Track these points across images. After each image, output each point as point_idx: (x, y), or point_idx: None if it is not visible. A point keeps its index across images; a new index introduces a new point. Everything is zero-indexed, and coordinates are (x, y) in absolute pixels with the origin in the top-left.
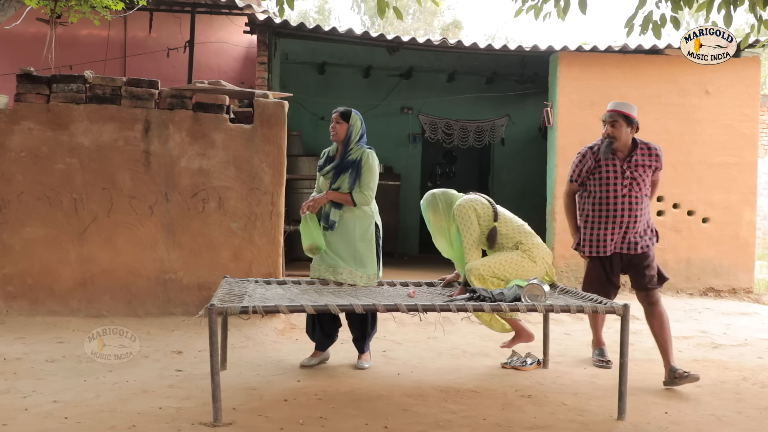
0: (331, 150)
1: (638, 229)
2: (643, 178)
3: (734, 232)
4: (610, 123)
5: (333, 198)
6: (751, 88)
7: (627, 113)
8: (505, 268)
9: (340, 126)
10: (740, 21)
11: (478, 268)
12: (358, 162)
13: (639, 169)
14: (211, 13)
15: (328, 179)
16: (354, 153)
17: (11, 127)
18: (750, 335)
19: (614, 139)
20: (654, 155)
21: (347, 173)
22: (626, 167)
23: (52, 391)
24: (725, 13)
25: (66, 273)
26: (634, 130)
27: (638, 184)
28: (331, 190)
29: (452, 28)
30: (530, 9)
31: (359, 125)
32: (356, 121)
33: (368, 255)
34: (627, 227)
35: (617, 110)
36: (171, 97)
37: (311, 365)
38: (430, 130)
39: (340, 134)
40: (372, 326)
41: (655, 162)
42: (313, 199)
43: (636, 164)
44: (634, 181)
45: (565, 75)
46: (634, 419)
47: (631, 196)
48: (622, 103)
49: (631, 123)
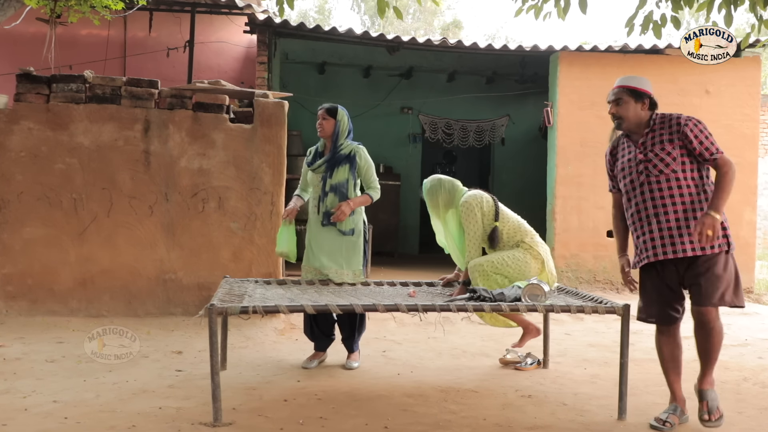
0: (319, 146)
1: (676, 223)
2: (661, 157)
3: (734, 232)
4: (614, 102)
5: (356, 205)
6: (751, 88)
7: (633, 87)
8: (508, 264)
9: (327, 122)
10: (740, 21)
11: (482, 265)
12: (353, 157)
13: (656, 147)
14: (211, 12)
15: (320, 173)
16: (345, 148)
17: (11, 127)
18: (750, 335)
19: (621, 119)
20: (674, 124)
21: (343, 166)
22: (640, 150)
23: (52, 391)
24: (725, 12)
25: (66, 273)
26: (646, 107)
27: (656, 166)
28: (324, 183)
29: (452, 28)
30: (530, 9)
31: (346, 121)
32: (343, 116)
33: (356, 250)
34: (658, 221)
35: (621, 85)
36: (171, 97)
37: (312, 367)
38: (430, 130)
39: (327, 130)
40: (360, 325)
41: (676, 133)
42: (341, 211)
43: (652, 142)
44: (650, 163)
45: (566, 75)
46: (634, 419)
47: (650, 182)
48: (629, 77)
49: (640, 97)
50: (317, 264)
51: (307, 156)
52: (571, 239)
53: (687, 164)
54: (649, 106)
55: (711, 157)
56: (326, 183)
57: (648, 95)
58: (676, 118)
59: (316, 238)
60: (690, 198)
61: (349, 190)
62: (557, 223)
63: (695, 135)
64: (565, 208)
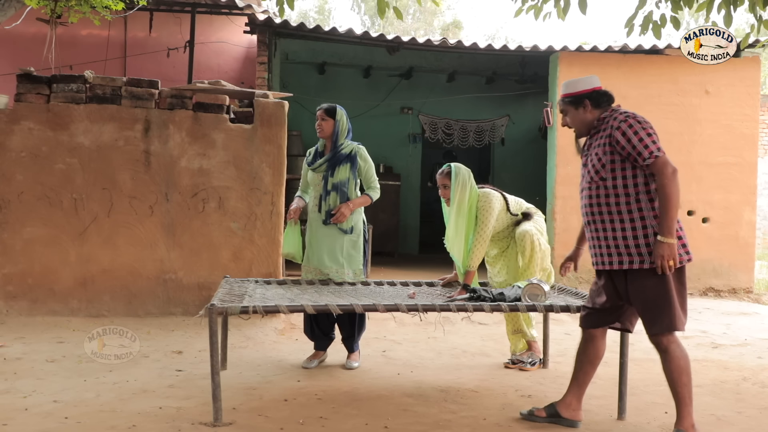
0: (319, 146)
1: (603, 233)
2: (593, 163)
3: (734, 232)
4: (561, 113)
5: (355, 206)
6: (751, 88)
7: (568, 93)
8: (542, 241)
9: (326, 123)
10: (740, 21)
11: (533, 233)
12: (354, 156)
13: (592, 153)
14: (211, 13)
15: (321, 172)
16: (346, 148)
17: (11, 127)
18: (750, 335)
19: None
20: (609, 126)
21: (344, 165)
22: (584, 154)
23: (52, 391)
24: (725, 13)
25: (66, 273)
26: (589, 108)
27: (588, 172)
28: (326, 182)
29: (452, 28)
30: (530, 9)
31: (345, 120)
32: (342, 116)
33: (356, 249)
34: (590, 230)
35: (561, 95)
36: (171, 97)
37: (312, 367)
38: (430, 130)
39: (327, 131)
40: (360, 325)
41: (609, 137)
42: (341, 213)
43: (590, 147)
44: (585, 168)
45: (565, 75)
46: (634, 419)
47: (591, 189)
48: (566, 83)
49: (578, 102)
50: (318, 264)
51: (306, 156)
52: (571, 239)
53: (619, 171)
54: (596, 104)
55: (644, 162)
56: (328, 182)
57: (585, 96)
58: (613, 119)
59: (316, 237)
60: (618, 208)
61: (350, 189)
62: (557, 223)
63: (628, 138)
64: (565, 208)
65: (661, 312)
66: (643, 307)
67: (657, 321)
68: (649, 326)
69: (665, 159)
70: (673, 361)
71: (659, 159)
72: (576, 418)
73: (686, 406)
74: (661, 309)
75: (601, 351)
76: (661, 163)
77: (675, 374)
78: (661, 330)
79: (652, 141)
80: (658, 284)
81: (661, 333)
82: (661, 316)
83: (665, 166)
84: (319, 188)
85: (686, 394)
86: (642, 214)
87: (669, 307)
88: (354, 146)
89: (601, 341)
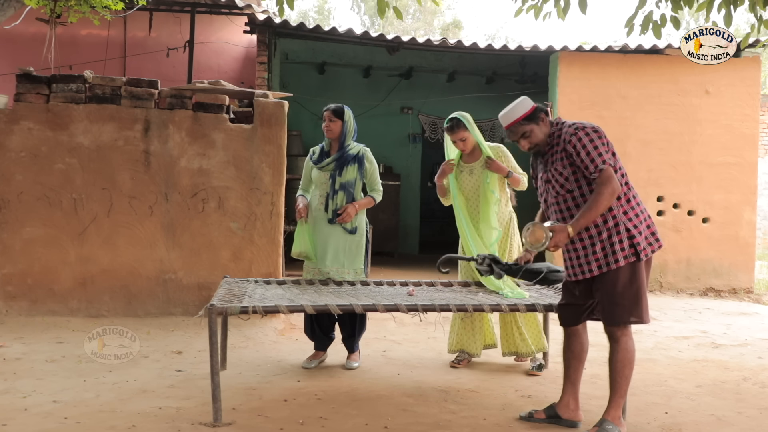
0: (325, 145)
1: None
2: (556, 177)
3: (734, 232)
4: (522, 138)
5: (361, 207)
6: (751, 88)
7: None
8: None
9: (335, 124)
10: (740, 21)
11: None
12: (361, 158)
13: (552, 167)
14: (211, 13)
15: (328, 171)
16: (353, 148)
17: (11, 127)
18: (750, 335)
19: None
20: (562, 140)
21: (352, 166)
22: (545, 168)
23: (52, 391)
24: (725, 12)
25: (66, 273)
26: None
27: (553, 186)
28: (333, 182)
29: (452, 28)
30: (530, 9)
31: (352, 121)
32: (350, 117)
33: (359, 248)
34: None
35: (514, 121)
36: (171, 97)
37: (312, 367)
38: (430, 130)
39: (335, 131)
40: (361, 325)
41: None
42: (347, 213)
43: (552, 160)
44: (549, 183)
45: (565, 75)
46: (634, 419)
47: (559, 203)
48: (508, 111)
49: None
50: (320, 264)
51: (311, 155)
52: None
53: (582, 179)
54: (546, 115)
55: (591, 176)
56: (335, 181)
57: (537, 110)
58: (565, 132)
59: (320, 236)
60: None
61: (356, 189)
62: None
63: (577, 151)
64: None
65: (630, 304)
66: (609, 300)
67: (622, 313)
68: (609, 317)
69: (608, 174)
70: (621, 352)
71: (602, 174)
72: (576, 418)
73: (620, 398)
74: (630, 302)
75: (586, 344)
76: (604, 177)
77: (620, 365)
78: (624, 321)
79: (598, 154)
80: (630, 279)
81: (622, 324)
82: (628, 308)
83: (608, 180)
84: (326, 187)
85: (624, 387)
86: (613, 213)
87: (638, 301)
88: (360, 148)
89: (584, 334)
